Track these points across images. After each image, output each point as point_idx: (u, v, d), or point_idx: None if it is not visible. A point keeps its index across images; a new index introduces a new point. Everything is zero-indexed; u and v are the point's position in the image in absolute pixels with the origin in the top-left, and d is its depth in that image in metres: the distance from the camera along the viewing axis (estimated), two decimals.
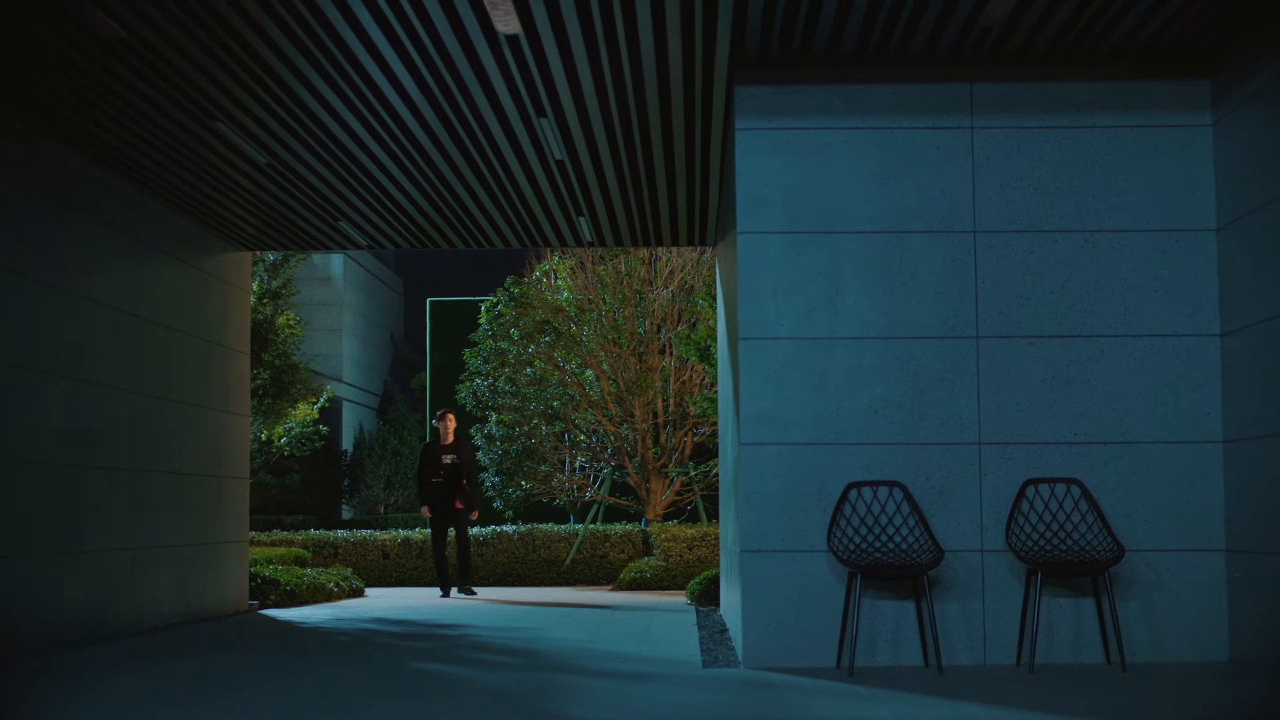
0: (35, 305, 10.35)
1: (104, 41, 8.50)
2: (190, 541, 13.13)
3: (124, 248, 11.78)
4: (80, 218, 11.01)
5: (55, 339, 10.67)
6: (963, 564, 8.97)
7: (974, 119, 9.17)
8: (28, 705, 7.43)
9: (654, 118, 10.27)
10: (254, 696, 7.68)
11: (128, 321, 11.86)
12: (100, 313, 11.34)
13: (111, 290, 11.57)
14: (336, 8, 8.15)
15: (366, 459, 34.26)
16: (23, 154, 10.17)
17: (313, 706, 7.26)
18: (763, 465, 9.07)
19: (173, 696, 7.75)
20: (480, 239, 14.31)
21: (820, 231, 9.14)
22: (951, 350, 9.08)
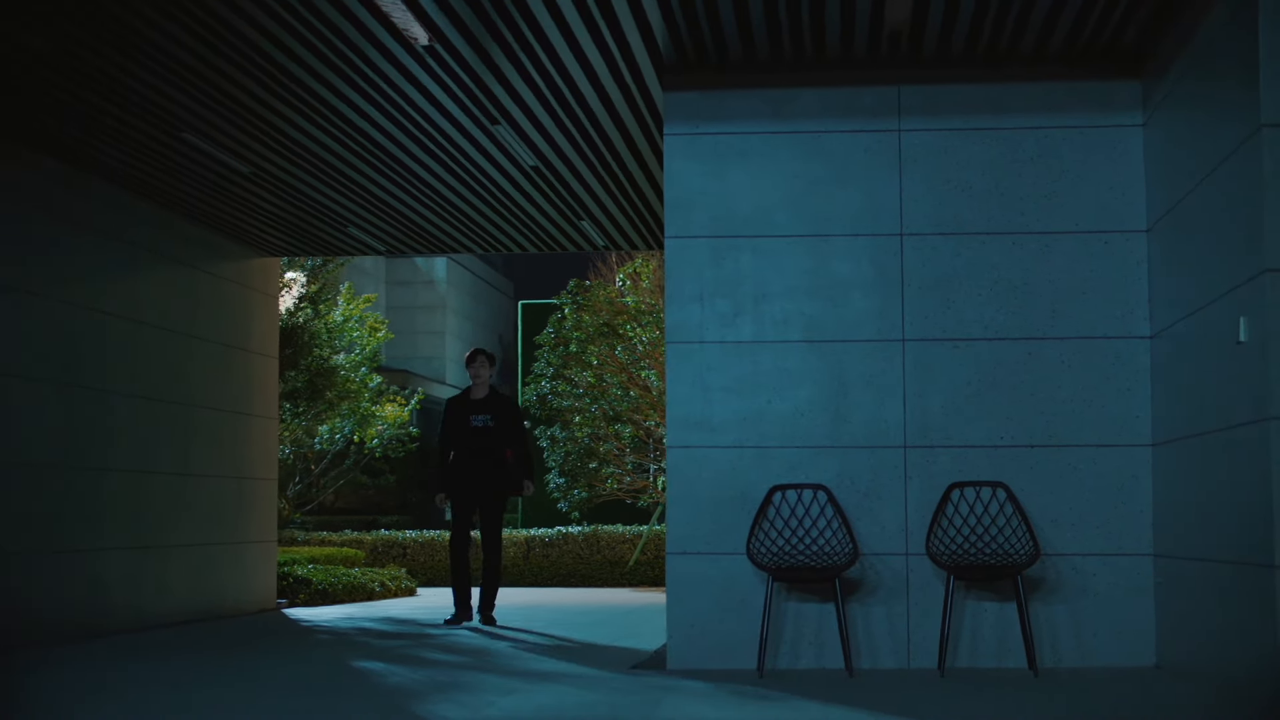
0: (42, 316, 10.75)
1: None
2: (204, 541, 13.49)
3: (134, 259, 12.16)
4: (88, 232, 11.38)
5: (68, 348, 11.08)
6: (887, 567, 8.96)
7: (901, 121, 9.15)
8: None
9: (606, 123, 10.37)
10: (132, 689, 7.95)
11: (134, 328, 12.23)
12: (107, 321, 11.71)
13: (119, 299, 11.94)
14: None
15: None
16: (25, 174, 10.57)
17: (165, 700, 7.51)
18: (689, 468, 9.13)
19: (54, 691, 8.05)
20: (493, 244, 14.52)
21: (745, 235, 9.19)
22: (877, 353, 9.07)
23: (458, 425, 12.40)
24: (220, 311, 13.92)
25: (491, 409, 12.40)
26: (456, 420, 12.43)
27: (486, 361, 12.55)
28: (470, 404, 12.48)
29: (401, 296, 35.96)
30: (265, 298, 14.89)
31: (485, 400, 12.46)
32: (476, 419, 12.36)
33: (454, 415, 12.46)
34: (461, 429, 12.37)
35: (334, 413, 20.89)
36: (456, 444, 12.42)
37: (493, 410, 12.40)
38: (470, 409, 12.44)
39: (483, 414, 12.39)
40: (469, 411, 12.42)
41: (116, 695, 7.87)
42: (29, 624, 10.71)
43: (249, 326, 14.48)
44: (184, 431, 13.14)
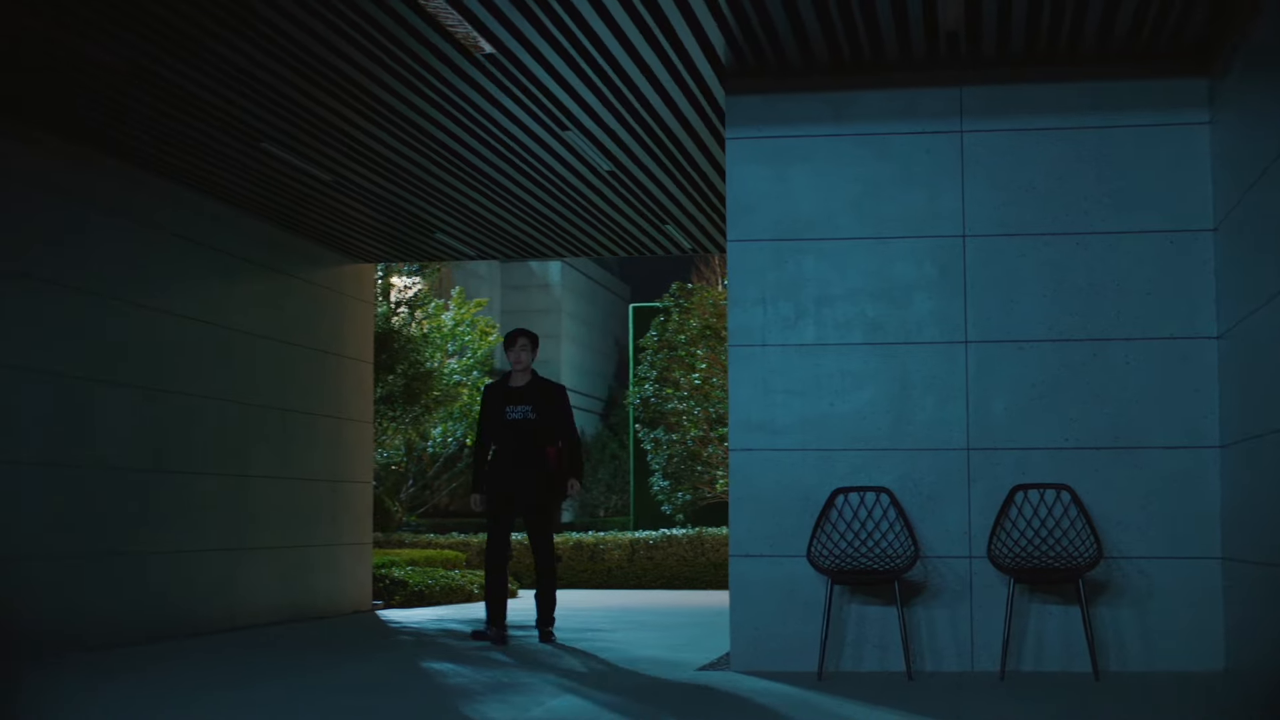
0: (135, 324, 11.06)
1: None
2: (298, 543, 13.74)
3: (228, 267, 12.42)
4: (180, 241, 11.65)
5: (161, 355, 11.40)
6: (950, 570, 8.92)
7: (963, 122, 9.10)
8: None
9: (676, 128, 10.43)
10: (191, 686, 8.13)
11: (227, 335, 12.49)
12: (200, 328, 11.98)
13: (212, 306, 12.22)
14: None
15: (586, 463, 34.87)
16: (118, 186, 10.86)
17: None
18: (751, 471, 9.16)
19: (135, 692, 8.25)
20: (579, 248, 14.63)
21: (807, 238, 9.19)
22: (940, 355, 9.03)
23: (493, 418, 10.76)
24: (315, 317, 14.16)
25: (532, 398, 10.66)
26: (492, 412, 10.76)
27: (529, 344, 10.81)
28: (508, 392, 10.75)
29: (516, 300, 36.27)
30: (360, 303, 15.12)
31: (525, 389, 10.72)
32: (514, 411, 10.63)
33: (490, 406, 10.78)
34: (497, 422, 10.72)
35: (432, 417, 21.12)
36: (495, 439, 10.77)
37: (534, 400, 10.65)
38: (507, 398, 10.71)
39: (522, 404, 10.64)
40: (505, 401, 10.68)
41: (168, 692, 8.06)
42: (126, 624, 10.97)
43: (344, 332, 14.71)
44: (278, 436, 13.38)
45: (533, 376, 10.81)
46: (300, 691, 8.12)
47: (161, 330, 11.61)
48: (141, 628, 11.19)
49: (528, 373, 10.80)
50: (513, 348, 10.75)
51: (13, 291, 9.90)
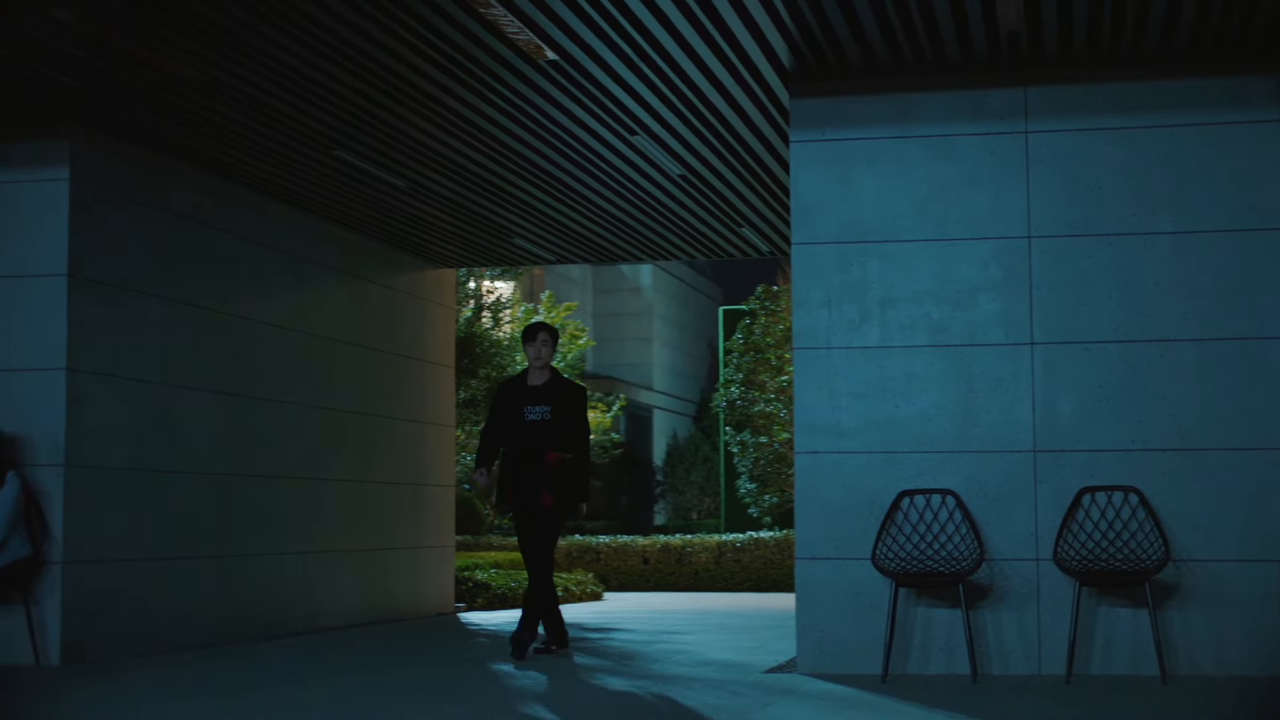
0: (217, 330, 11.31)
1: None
2: (379, 546, 13.90)
3: (308, 273, 12.62)
4: (261, 248, 11.86)
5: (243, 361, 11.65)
6: (1017, 573, 8.88)
7: (1028, 123, 9.06)
8: None
9: (744, 132, 10.46)
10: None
11: (308, 340, 12.69)
12: (281, 334, 12.18)
13: (293, 312, 12.42)
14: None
15: (678, 465, 34.91)
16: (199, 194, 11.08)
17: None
18: (817, 473, 9.17)
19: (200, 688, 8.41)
20: (657, 252, 14.70)
21: (872, 240, 9.19)
22: (1006, 357, 9.00)
23: (508, 417, 9.96)
24: (396, 323, 14.32)
25: (550, 398, 9.93)
26: (507, 410, 9.97)
27: (549, 339, 10.05)
28: (525, 391, 9.99)
29: (608, 304, 36.40)
30: (441, 308, 15.28)
31: (544, 388, 9.97)
32: (531, 411, 9.87)
33: (505, 404, 10.00)
34: (513, 422, 9.94)
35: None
36: (506, 440, 9.99)
37: (552, 400, 9.92)
38: (524, 397, 9.96)
39: (540, 404, 9.90)
40: (523, 400, 9.93)
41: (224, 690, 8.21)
42: (210, 625, 11.17)
43: (425, 337, 14.86)
44: (360, 440, 13.56)
45: (552, 375, 10.06)
46: (368, 692, 8.23)
47: (244, 336, 11.80)
48: (225, 629, 11.39)
49: (547, 370, 10.06)
50: (533, 342, 9.99)
51: (99, 300, 10.11)
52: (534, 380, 10.03)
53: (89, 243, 10.05)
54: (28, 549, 9.57)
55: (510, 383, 10.17)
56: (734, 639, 11.73)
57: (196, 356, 11.18)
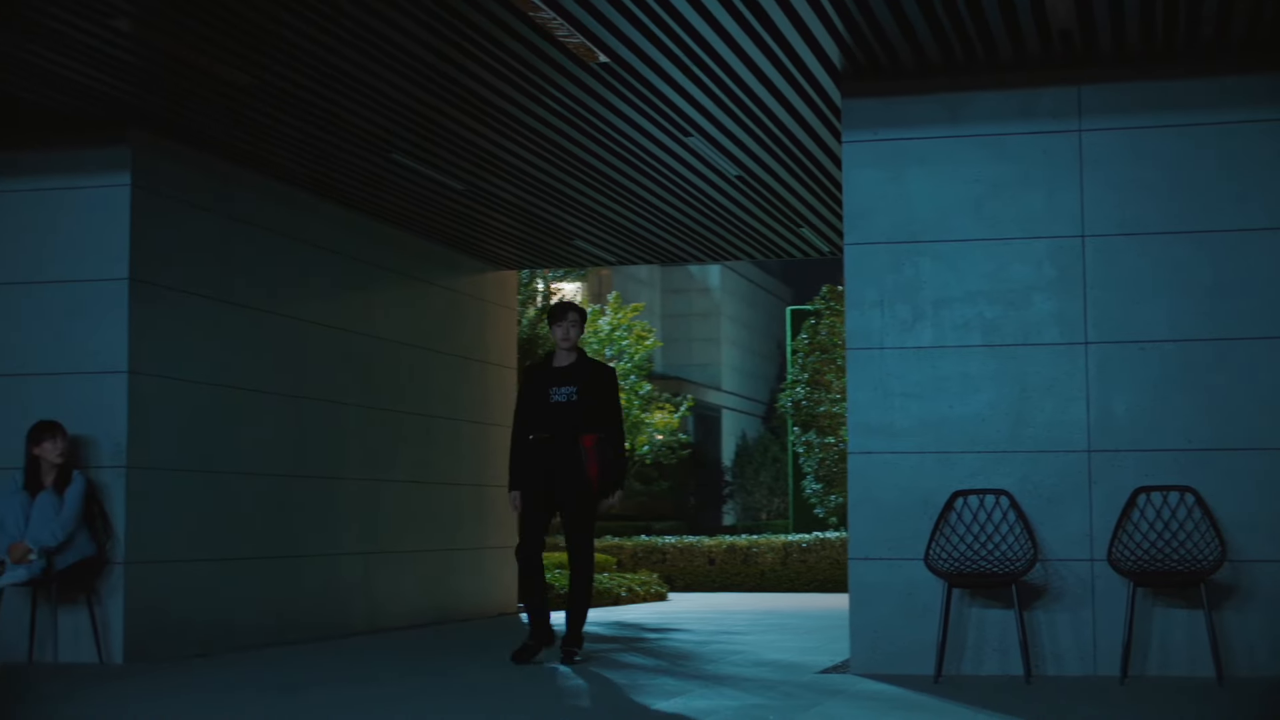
0: (278, 332, 11.47)
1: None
2: (441, 546, 14.00)
3: (368, 276, 12.74)
4: (321, 251, 11.98)
5: (303, 363, 11.80)
6: (1071, 573, 8.83)
7: (1081, 121, 9.02)
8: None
9: (799, 132, 10.46)
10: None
11: (369, 342, 12.80)
12: (341, 336, 12.30)
13: (354, 315, 12.54)
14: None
15: (747, 466, 34.90)
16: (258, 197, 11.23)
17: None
18: (870, 474, 9.16)
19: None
20: (717, 253, 14.73)
21: (924, 240, 9.17)
22: (1060, 357, 8.96)
23: (534, 401, 9.64)
24: (457, 324, 14.42)
25: (578, 379, 9.57)
26: (533, 394, 9.66)
27: (578, 319, 9.72)
28: (551, 373, 9.66)
29: (676, 304, 36.44)
30: (502, 309, 15.36)
31: (571, 369, 9.62)
32: (558, 392, 9.52)
33: (530, 388, 9.71)
34: (539, 405, 9.60)
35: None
36: (532, 424, 9.66)
37: (579, 381, 9.56)
38: (550, 379, 9.62)
39: (567, 385, 9.55)
40: (549, 382, 9.58)
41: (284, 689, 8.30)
42: (271, 625, 11.30)
43: (486, 338, 14.95)
44: (421, 441, 13.66)
45: (579, 356, 9.69)
46: (420, 692, 8.30)
47: (303, 338, 11.92)
48: (286, 629, 11.50)
49: (574, 351, 9.70)
50: (561, 322, 9.63)
51: (159, 303, 10.24)
52: (560, 361, 9.68)
53: (150, 247, 10.18)
54: (92, 548, 9.72)
55: (535, 367, 9.86)
56: (793, 639, 11.73)
57: (257, 359, 11.30)
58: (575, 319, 9.67)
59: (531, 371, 9.83)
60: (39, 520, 9.52)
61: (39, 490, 9.61)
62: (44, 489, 9.61)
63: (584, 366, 9.64)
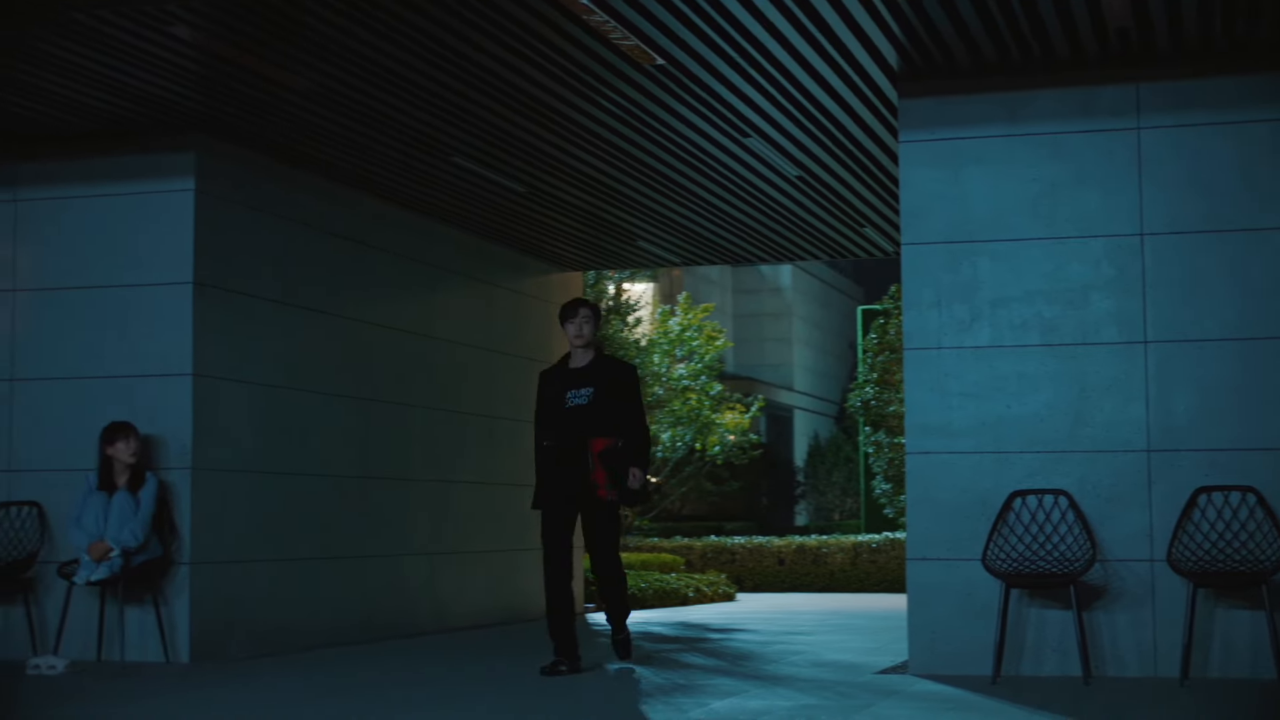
0: (346, 335, 11.62)
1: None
2: (507, 547, 14.07)
3: (434, 279, 12.85)
4: (388, 255, 12.10)
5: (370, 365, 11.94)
6: (1131, 574, 8.78)
7: (1140, 120, 8.96)
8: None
9: (857, 133, 10.46)
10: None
11: (434, 345, 12.91)
12: (407, 339, 12.42)
13: (419, 317, 12.66)
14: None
15: (819, 466, 34.80)
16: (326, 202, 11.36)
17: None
18: (928, 474, 9.14)
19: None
20: (781, 253, 14.74)
21: (981, 240, 9.14)
22: (1119, 356, 8.90)
23: (549, 405, 9.08)
24: (522, 326, 14.49)
25: (596, 379, 9.00)
26: (549, 397, 9.10)
27: (590, 315, 9.10)
28: (566, 375, 9.10)
29: (747, 304, 36.40)
30: None
31: (588, 369, 9.06)
32: (576, 395, 8.96)
33: (547, 393, 9.15)
34: (555, 410, 9.05)
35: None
36: (548, 431, 9.12)
37: (596, 382, 8.98)
38: (566, 381, 9.06)
39: (584, 387, 8.99)
40: (565, 385, 9.03)
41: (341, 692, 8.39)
42: (334, 624, 11.41)
43: (551, 340, 14.99)
44: (487, 442, 13.75)
45: (596, 355, 9.11)
46: (479, 690, 8.37)
47: (367, 340, 12.04)
48: (351, 629, 11.62)
49: (590, 350, 9.11)
50: (573, 319, 9.04)
51: (223, 306, 10.37)
52: (576, 362, 9.11)
53: (213, 250, 10.31)
54: (159, 549, 9.85)
55: (551, 370, 9.26)
56: (855, 640, 11.72)
57: (319, 361, 11.42)
58: (588, 315, 9.06)
59: (547, 377, 9.24)
60: (118, 520, 9.65)
61: (113, 490, 9.74)
62: (118, 489, 9.74)
63: (602, 366, 9.08)
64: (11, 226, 10.51)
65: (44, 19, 8.04)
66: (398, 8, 7.96)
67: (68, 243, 10.39)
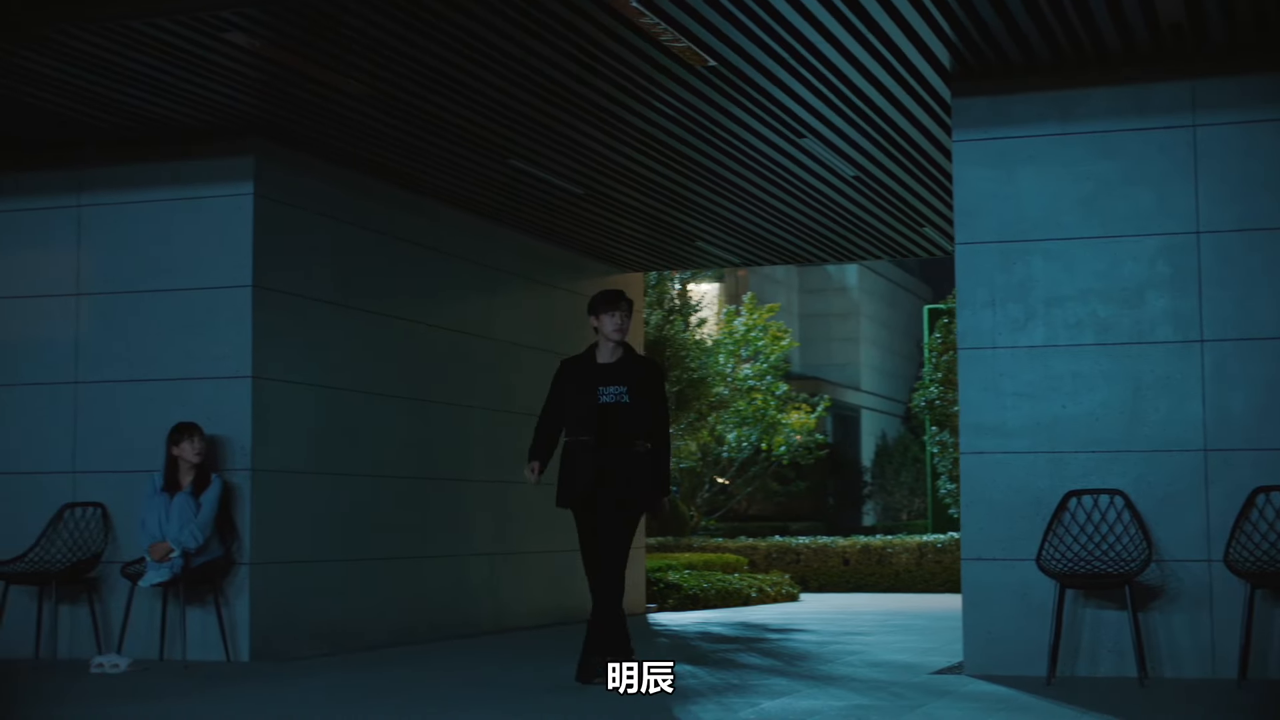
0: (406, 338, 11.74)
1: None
2: (566, 547, 14.09)
3: (493, 281, 12.93)
4: (445, 257, 12.18)
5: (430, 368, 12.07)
6: (1189, 574, 8.72)
7: (1195, 117, 8.89)
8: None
9: (912, 132, 10.44)
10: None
11: (494, 346, 12.98)
12: (467, 340, 12.50)
13: (479, 319, 12.74)
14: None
15: (887, 466, 34.68)
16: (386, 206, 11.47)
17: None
18: (983, 474, 9.12)
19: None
20: (840, 253, 14.72)
21: (1035, 239, 9.10)
22: (1174, 355, 8.84)
23: (577, 400, 8.47)
24: (582, 327, 14.45)
25: (628, 377, 8.43)
26: (576, 392, 8.49)
27: (629, 309, 8.53)
28: (595, 370, 8.49)
29: (814, 304, 36.35)
30: None
31: (618, 365, 8.48)
32: (606, 392, 8.38)
33: (570, 385, 8.56)
34: (584, 405, 8.42)
35: (706, 422, 21.36)
36: (575, 426, 8.51)
37: (630, 380, 8.43)
38: (596, 376, 8.47)
39: (616, 385, 8.41)
40: (596, 380, 8.43)
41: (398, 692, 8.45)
42: (394, 624, 11.51)
43: None
44: None
45: (626, 351, 8.54)
46: (534, 689, 8.41)
47: (425, 342, 12.12)
48: (411, 629, 11.70)
49: (621, 346, 8.53)
50: (614, 311, 8.43)
51: (282, 309, 10.49)
52: (605, 357, 8.50)
53: (272, 254, 10.41)
54: (220, 550, 9.96)
55: (575, 361, 8.64)
56: (914, 640, 11.71)
57: (378, 363, 11.51)
58: (627, 309, 8.51)
59: (571, 367, 8.61)
60: (178, 521, 9.77)
61: (177, 491, 9.86)
62: (181, 490, 9.86)
63: (634, 363, 8.53)
64: (75, 232, 10.66)
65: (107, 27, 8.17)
66: (449, 11, 8.02)
67: (129, 247, 10.54)
